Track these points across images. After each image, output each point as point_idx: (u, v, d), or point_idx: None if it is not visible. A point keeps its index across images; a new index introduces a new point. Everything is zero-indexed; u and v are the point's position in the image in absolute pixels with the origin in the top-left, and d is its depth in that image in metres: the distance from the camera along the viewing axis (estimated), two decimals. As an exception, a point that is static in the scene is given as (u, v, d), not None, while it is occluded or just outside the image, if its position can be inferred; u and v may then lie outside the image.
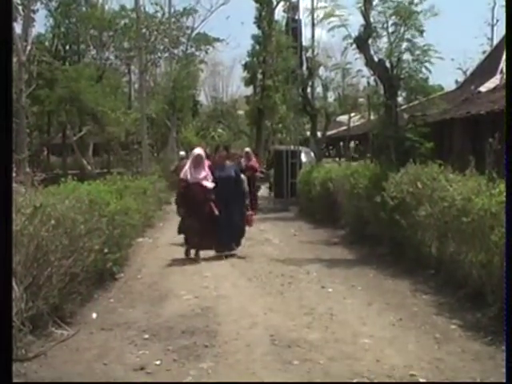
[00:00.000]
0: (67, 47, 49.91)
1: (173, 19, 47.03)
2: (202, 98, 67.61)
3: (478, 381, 6.24)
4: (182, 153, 17.83)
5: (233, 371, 6.56)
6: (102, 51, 47.58)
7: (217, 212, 13.32)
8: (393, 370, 6.48)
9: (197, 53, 54.33)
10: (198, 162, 13.60)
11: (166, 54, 46.66)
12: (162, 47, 48.87)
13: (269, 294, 10.10)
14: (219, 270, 12.16)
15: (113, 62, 50.92)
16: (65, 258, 8.16)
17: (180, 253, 13.61)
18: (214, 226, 13.38)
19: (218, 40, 54.32)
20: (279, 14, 39.18)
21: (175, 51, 47.01)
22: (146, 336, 7.83)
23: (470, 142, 19.63)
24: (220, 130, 62.75)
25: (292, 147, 28.06)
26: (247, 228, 14.46)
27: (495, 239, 7.84)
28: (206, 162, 13.97)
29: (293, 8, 32.26)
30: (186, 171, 13.54)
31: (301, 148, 28.92)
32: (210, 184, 13.43)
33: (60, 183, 11.07)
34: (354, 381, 6.23)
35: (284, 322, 8.33)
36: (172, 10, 45.98)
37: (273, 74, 36.23)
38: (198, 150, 14.09)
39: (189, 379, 6.37)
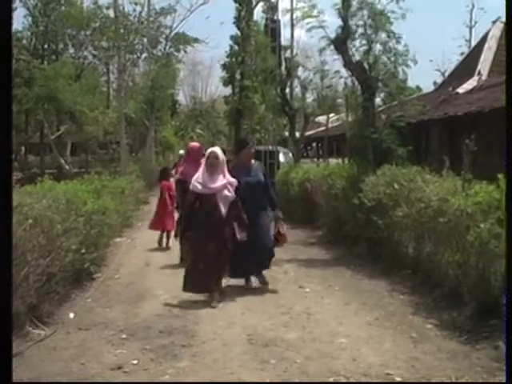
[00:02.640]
0: (45, 46, 49.71)
1: (151, 18, 47.04)
2: (180, 97, 67.94)
3: (468, 380, 6.30)
4: (182, 152, 16.81)
5: (210, 370, 6.57)
6: (80, 50, 47.48)
7: (240, 236, 9.70)
8: (369, 369, 6.52)
9: (175, 53, 54.42)
10: (213, 165, 9.77)
11: (145, 54, 46.71)
12: (140, 47, 48.87)
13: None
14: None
15: (91, 62, 50.83)
16: (42, 258, 8.15)
17: (158, 252, 13.63)
18: (236, 252, 9.78)
19: (197, 40, 54.42)
20: (258, 14, 39.34)
21: (154, 51, 47.03)
22: (124, 336, 7.82)
23: (447, 142, 19.76)
24: (199, 130, 62.83)
25: (270, 147, 28.13)
26: None
27: (471, 239, 7.90)
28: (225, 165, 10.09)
29: (272, 8, 32.38)
30: (197, 179, 9.79)
31: (279, 148, 28.98)
32: (230, 194, 9.75)
33: (37, 183, 11.06)
34: (331, 379, 6.27)
35: (261, 322, 8.36)
36: (151, 9, 46.07)
37: (251, 75, 36.24)
38: (214, 148, 10.39)
39: (166, 378, 6.38)
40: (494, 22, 29.01)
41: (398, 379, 6.28)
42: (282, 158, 28.94)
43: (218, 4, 76.67)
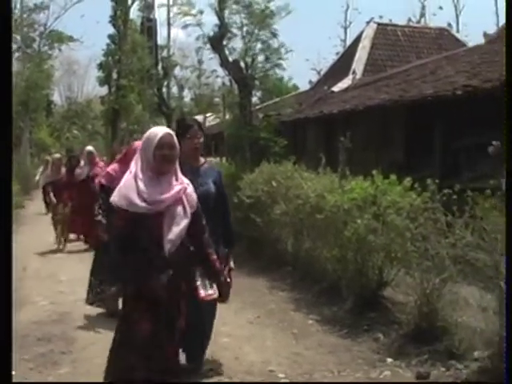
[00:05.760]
0: None
1: (24, 15, 45.82)
2: (56, 97, 66.35)
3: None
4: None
5: (92, 376, 6.42)
6: None
7: (204, 294, 6.00)
8: (251, 367, 6.60)
9: (50, 51, 53.22)
10: (169, 161, 4.82)
11: (18, 54, 45.49)
12: (14, 45, 47.57)
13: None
14: (74, 273, 11.74)
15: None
16: None
17: (36, 258, 13.27)
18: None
19: (71, 39, 53.39)
20: (135, 13, 38.95)
21: (28, 50, 45.82)
22: (0, 345, 7.58)
23: (323, 140, 20.10)
24: (75, 131, 61.69)
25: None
26: None
27: (348, 235, 8.05)
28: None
29: (148, 7, 32.19)
30: (127, 186, 4.76)
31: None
32: (186, 217, 4.84)
33: None
34: (215, 380, 6.26)
35: (143, 325, 8.25)
36: (24, 5, 44.89)
37: (128, 74, 35.87)
38: (163, 129, 5.09)
39: (45, 387, 6.22)
40: (367, 23, 29.74)
41: (281, 375, 6.35)
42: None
43: (93, 2, 75.32)
